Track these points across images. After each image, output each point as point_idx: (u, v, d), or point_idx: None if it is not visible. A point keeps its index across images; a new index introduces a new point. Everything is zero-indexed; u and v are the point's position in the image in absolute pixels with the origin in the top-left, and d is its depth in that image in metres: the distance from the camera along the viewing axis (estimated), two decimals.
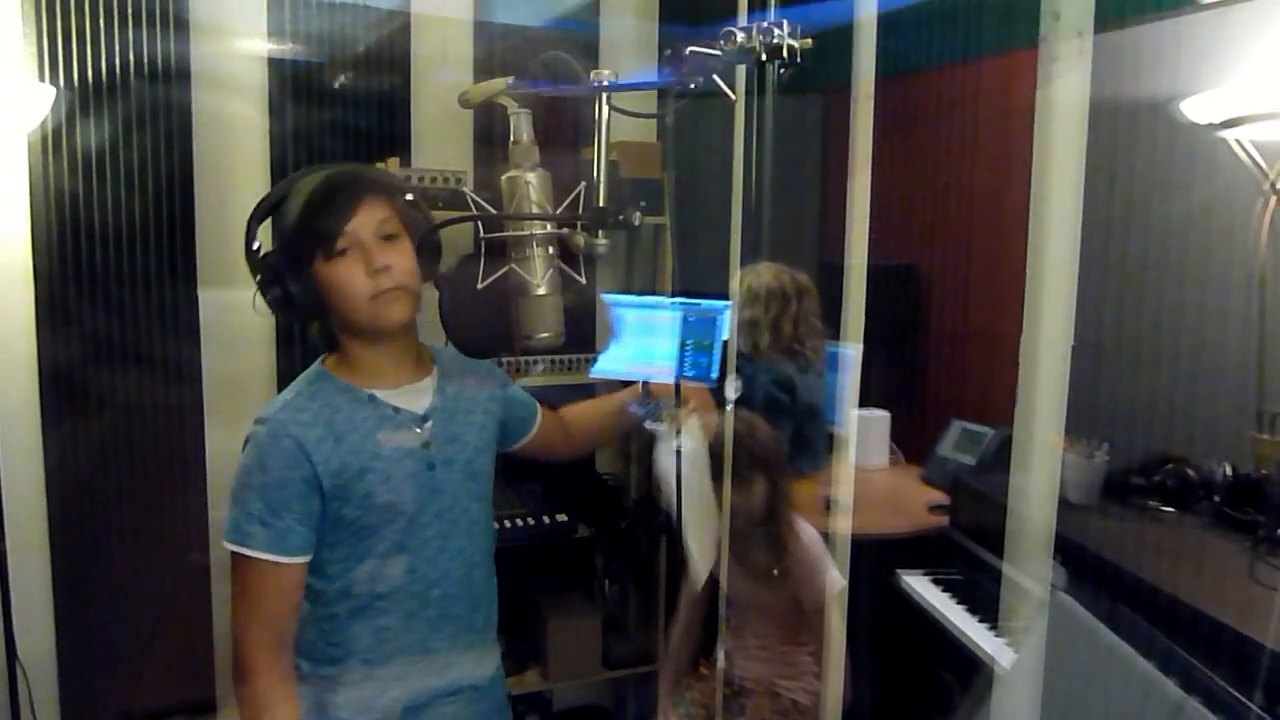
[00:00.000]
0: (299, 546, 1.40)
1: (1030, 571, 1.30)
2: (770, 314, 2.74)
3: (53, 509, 2.61)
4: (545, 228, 1.43)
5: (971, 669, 1.97)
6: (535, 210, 1.43)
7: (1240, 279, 2.05)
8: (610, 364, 1.87)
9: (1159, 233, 2.27)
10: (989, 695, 1.57)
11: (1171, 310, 2.24)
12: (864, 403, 3.02)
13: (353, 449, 1.41)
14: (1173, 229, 2.23)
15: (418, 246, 1.45)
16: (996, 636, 2.02)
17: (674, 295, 2.93)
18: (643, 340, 2.57)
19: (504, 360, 2.64)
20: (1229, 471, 2.00)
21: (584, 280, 1.46)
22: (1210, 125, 2.01)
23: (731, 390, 1.65)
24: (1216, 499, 1.98)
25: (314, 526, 1.41)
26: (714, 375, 2.72)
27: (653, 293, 2.85)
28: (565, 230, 1.43)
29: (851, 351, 1.24)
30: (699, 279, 2.87)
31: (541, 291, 1.42)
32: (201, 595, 2.79)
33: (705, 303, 2.87)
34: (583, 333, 2.90)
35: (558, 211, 1.45)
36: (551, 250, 1.44)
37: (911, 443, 3.09)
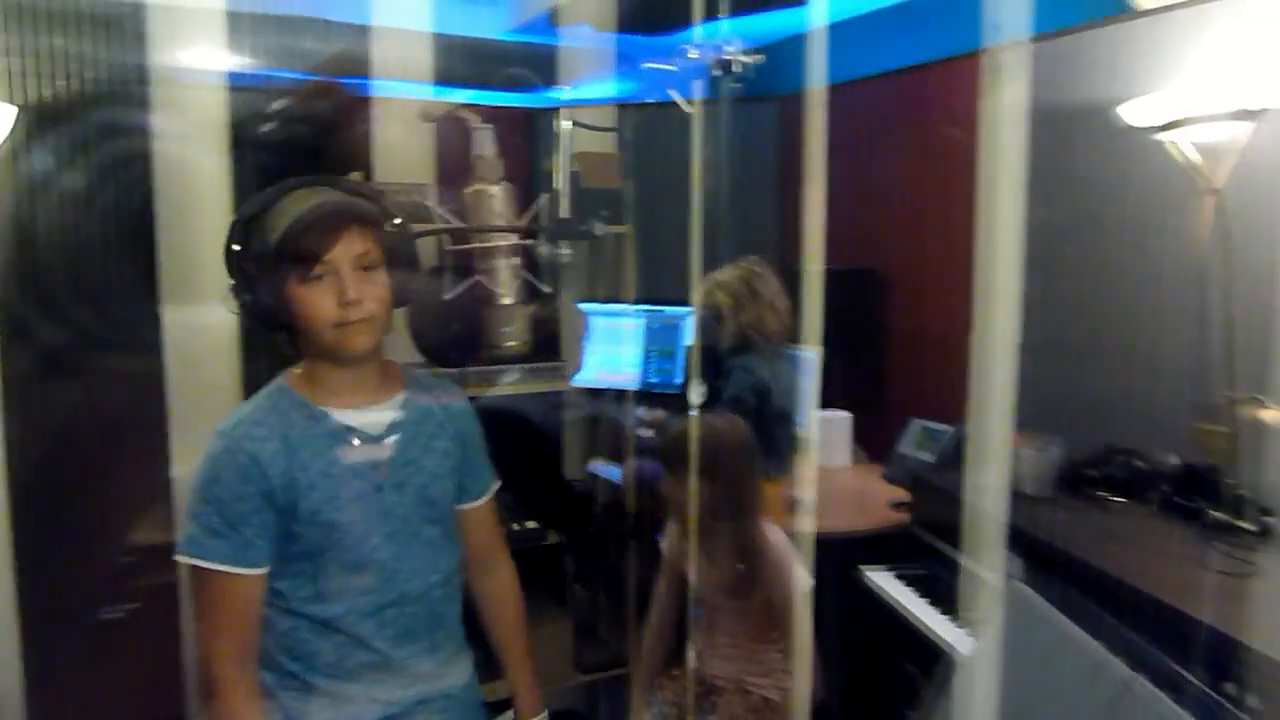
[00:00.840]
0: (257, 558, 1.41)
1: (987, 563, 1.34)
2: (735, 302, 2.71)
3: (16, 531, 2.59)
4: (511, 239, 1.46)
5: (934, 659, 2.01)
6: (500, 223, 1.45)
7: (1183, 277, 2.11)
8: (579, 373, 1.89)
9: (1103, 233, 2.33)
10: (951, 682, 1.62)
11: (1117, 308, 2.30)
12: (827, 404, 3.07)
13: (301, 465, 1.41)
14: (1117, 229, 2.30)
15: (398, 274, 1.44)
16: (957, 627, 2.08)
17: (637, 303, 2.97)
18: (608, 348, 2.59)
19: (473, 370, 2.65)
20: (1176, 461, 2.06)
21: (549, 290, 1.50)
22: (1151, 128, 2.08)
23: (696, 395, 1.68)
24: (1165, 488, 2.04)
25: (271, 539, 1.42)
26: (678, 380, 2.76)
27: (616, 300, 2.86)
28: (530, 241, 1.46)
29: (812, 354, 1.27)
30: (661, 286, 2.90)
31: (508, 301, 1.46)
32: (169, 615, 2.78)
33: (668, 309, 2.91)
34: (548, 340, 2.93)
35: (521, 223, 1.48)
36: (517, 261, 1.47)
37: (874, 442, 3.13)
